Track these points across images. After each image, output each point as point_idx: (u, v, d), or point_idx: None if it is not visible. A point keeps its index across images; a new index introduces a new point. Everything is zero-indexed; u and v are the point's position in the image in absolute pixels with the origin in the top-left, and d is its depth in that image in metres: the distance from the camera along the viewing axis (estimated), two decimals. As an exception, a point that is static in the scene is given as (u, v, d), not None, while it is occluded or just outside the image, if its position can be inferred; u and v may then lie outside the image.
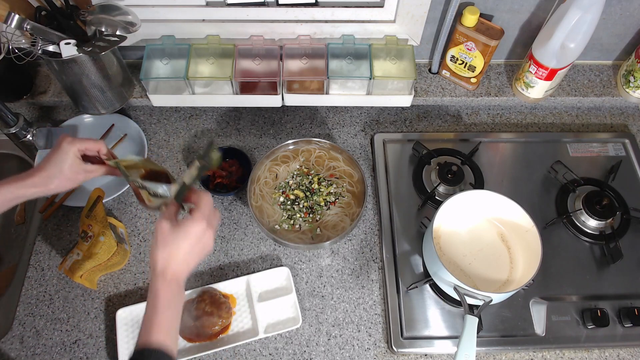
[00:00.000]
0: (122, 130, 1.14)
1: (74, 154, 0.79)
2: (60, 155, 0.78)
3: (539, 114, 1.21)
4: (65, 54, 0.93)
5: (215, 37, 1.07)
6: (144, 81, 1.06)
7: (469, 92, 1.16)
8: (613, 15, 1.06)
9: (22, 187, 0.76)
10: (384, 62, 1.10)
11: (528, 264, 0.87)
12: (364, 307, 0.96)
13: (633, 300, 0.95)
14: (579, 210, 1.02)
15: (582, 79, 1.20)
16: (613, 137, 1.16)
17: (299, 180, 1.02)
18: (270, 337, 0.93)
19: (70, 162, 0.78)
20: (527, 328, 0.93)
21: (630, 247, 1.00)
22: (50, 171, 0.78)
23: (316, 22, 1.06)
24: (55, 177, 0.78)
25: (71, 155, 0.78)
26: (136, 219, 1.05)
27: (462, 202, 0.91)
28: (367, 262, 1.00)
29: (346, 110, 1.21)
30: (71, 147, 0.79)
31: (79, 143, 0.79)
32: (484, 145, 1.13)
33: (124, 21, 0.94)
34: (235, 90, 1.08)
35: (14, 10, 0.87)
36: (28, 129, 1.04)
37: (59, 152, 0.78)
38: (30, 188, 0.77)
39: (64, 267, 0.92)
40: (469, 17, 1.00)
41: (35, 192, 0.78)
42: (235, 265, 1.00)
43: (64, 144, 0.78)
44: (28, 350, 0.92)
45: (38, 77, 1.18)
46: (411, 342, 0.91)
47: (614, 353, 0.92)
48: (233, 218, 1.05)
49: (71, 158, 0.79)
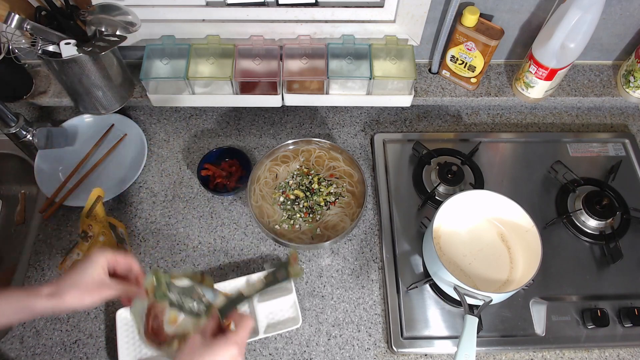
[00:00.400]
0: (122, 130, 1.14)
1: (102, 265, 0.72)
2: (87, 263, 0.71)
3: (539, 114, 1.21)
4: (65, 54, 0.93)
5: (215, 37, 1.07)
6: (144, 81, 1.06)
7: (469, 92, 1.16)
8: (613, 15, 1.06)
9: (33, 296, 0.68)
10: (384, 62, 1.10)
11: (528, 264, 0.87)
12: (364, 307, 0.96)
13: (633, 300, 0.95)
14: (579, 210, 1.02)
15: (582, 79, 1.20)
16: (613, 137, 1.16)
17: (299, 180, 1.02)
18: (270, 337, 0.93)
19: (96, 273, 0.71)
20: (527, 328, 0.93)
21: (630, 247, 1.00)
22: (71, 280, 0.70)
23: (316, 22, 1.06)
24: (74, 286, 0.69)
25: (98, 266, 0.71)
26: (136, 219, 1.05)
27: (462, 202, 0.91)
28: (367, 262, 1.01)
29: (346, 110, 1.21)
30: (102, 257, 0.72)
31: (110, 254, 0.73)
32: (484, 145, 1.13)
33: (124, 21, 0.94)
34: (235, 90, 1.08)
35: (14, 10, 0.87)
36: (28, 129, 1.04)
37: (86, 260, 0.72)
38: (42, 298, 0.68)
39: (64, 267, 0.92)
40: (469, 17, 1.00)
41: (47, 305, 0.68)
42: (235, 265, 1.00)
43: (95, 253, 0.72)
44: (28, 350, 0.92)
45: (38, 77, 1.18)
46: (411, 342, 0.91)
47: (614, 353, 0.92)
48: (233, 218, 1.05)
49: (97, 269, 0.71)
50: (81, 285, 0.69)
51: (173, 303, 0.74)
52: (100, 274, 0.71)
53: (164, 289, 0.74)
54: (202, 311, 0.73)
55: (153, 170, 1.11)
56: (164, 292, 0.75)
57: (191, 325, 0.72)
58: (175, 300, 0.74)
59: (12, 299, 0.68)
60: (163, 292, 0.74)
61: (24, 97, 1.15)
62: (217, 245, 1.02)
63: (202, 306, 0.73)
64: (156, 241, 1.03)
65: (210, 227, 1.04)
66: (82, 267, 0.71)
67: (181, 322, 0.73)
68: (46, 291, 0.68)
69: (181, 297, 0.75)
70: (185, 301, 0.74)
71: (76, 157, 1.11)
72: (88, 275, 0.70)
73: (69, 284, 0.69)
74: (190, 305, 0.74)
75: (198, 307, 0.73)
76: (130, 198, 1.08)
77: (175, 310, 0.74)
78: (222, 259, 1.01)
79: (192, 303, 0.74)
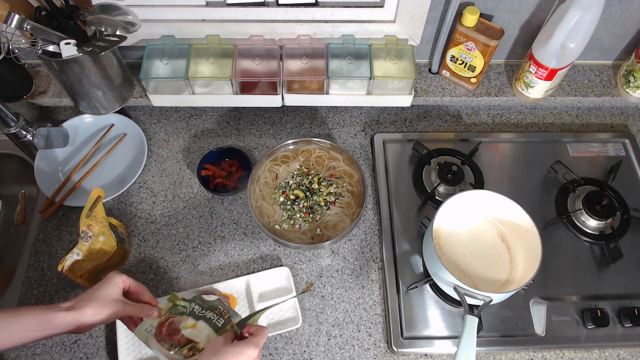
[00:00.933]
0: (122, 130, 1.14)
1: (119, 284, 0.77)
2: (105, 282, 0.77)
3: (539, 114, 1.21)
4: (65, 54, 0.93)
5: (215, 37, 1.07)
6: (144, 81, 1.06)
7: (469, 92, 1.16)
8: (613, 15, 1.06)
9: (53, 310, 0.71)
10: (384, 62, 1.10)
11: (528, 264, 0.87)
12: (364, 307, 0.96)
13: (633, 300, 0.95)
14: (579, 210, 1.02)
15: (582, 79, 1.20)
16: (613, 137, 1.16)
17: (299, 180, 1.02)
18: (270, 337, 0.93)
19: (113, 290, 0.76)
20: (527, 328, 0.93)
21: (630, 247, 1.00)
22: (90, 295, 0.74)
23: (316, 22, 1.06)
24: (93, 300, 0.73)
25: (115, 285, 0.77)
26: (136, 219, 1.05)
27: (462, 202, 0.91)
28: (367, 262, 1.00)
29: (346, 110, 1.21)
30: (119, 277, 0.78)
31: (126, 277, 0.79)
32: (484, 145, 1.13)
33: (124, 21, 0.94)
34: (235, 90, 1.08)
35: (14, 10, 0.87)
36: (28, 129, 1.04)
37: (105, 280, 0.77)
38: (62, 311, 0.71)
39: (64, 267, 0.92)
40: (469, 17, 1.00)
41: (66, 318, 0.71)
42: (235, 265, 1.00)
43: (113, 274, 0.78)
44: (28, 350, 0.91)
45: (38, 77, 1.18)
46: (411, 342, 0.91)
47: (614, 353, 0.92)
48: (233, 218, 1.05)
49: (114, 287, 0.77)
50: (99, 300, 0.74)
51: (195, 313, 0.79)
52: (117, 291, 0.77)
53: (182, 306, 0.80)
54: (221, 323, 0.77)
55: (153, 170, 1.11)
56: (183, 308, 0.80)
57: (208, 333, 0.76)
58: (197, 311, 0.79)
59: (33, 314, 0.70)
60: (181, 308, 0.80)
61: (24, 97, 1.15)
62: (217, 245, 1.02)
63: (222, 320, 0.77)
64: (156, 241, 1.03)
65: (210, 227, 1.04)
66: (101, 284, 0.76)
67: (200, 327, 0.77)
68: (66, 305, 0.72)
69: (204, 309, 0.79)
70: (207, 313, 0.79)
71: (76, 157, 1.11)
72: (106, 291, 0.75)
73: (87, 299, 0.74)
74: (211, 315, 0.78)
75: (218, 319, 0.78)
76: (130, 198, 1.08)
77: (195, 319, 0.78)
78: (222, 259, 1.01)
79: (213, 315, 0.78)
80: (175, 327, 0.78)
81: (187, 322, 0.78)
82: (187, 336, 0.76)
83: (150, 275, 0.99)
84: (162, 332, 0.78)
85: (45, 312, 0.70)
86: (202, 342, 0.75)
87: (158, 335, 0.77)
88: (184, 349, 0.75)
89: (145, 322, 0.79)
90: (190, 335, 0.76)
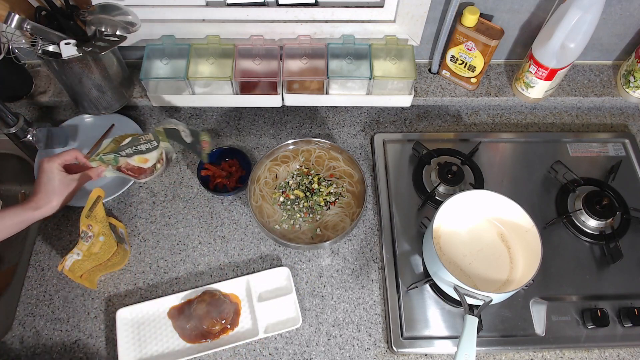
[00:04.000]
0: (122, 130, 1.14)
1: (57, 169, 0.85)
2: (46, 175, 0.84)
3: (539, 114, 1.21)
4: (65, 54, 0.93)
5: (215, 37, 1.07)
6: (144, 81, 1.06)
7: (469, 92, 1.16)
8: (613, 15, 1.06)
9: (26, 209, 0.82)
10: (384, 62, 1.10)
11: (528, 264, 0.87)
12: (364, 307, 0.96)
13: (633, 300, 0.95)
14: (579, 210, 1.02)
15: (582, 79, 1.20)
16: (613, 137, 1.16)
17: (299, 180, 1.02)
18: (270, 337, 0.93)
19: (58, 177, 0.85)
20: (527, 328, 0.93)
21: (630, 247, 1.00)
22: (46, 192, 0.84)
23: (316, 22, 1.06)
24: (53, 194, 0.84)
25: (56, 171, 0.84)
26: (136, 219, 1.05)
27: (462, 202, 0.91)
28: (367, 262, 1.00)
29: (346, 110, 1.21)
30: (52, 164, 0.85)
31: (57, 158, 0.86)
32: (484, 145, 1.13)
33: (124, 21, 0.94)
34: (235, 90, 1.08)
35: (14, 10, 0.87)
36: (28, 129, 1.04)
37: (43, 173, 0.85)
38: (35, 211, 0.82)
39: (64, 267, 0.92)
40: (469, 17, 1.00)
41: (41, 213, 0.83)
42: (235, 265, 1.00)
43: (44, 164, 0.85)
44: (28, 350, 0.92)
45: (38, 77, 1.18)
46: (411, 342, 0.91)
47: (614, 353, 0.92)
48: (233, 218, 1.05)
49: (57, 173, 0.85)
50: (58, 192, 0.84)
51: (132, 153, 0.94)
52: (62, 175, 0.85)
53: (111, 158, 0.92)
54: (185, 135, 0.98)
55: (153, 170, 1.11)
56: (115, 158, 0.93)
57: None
58: (132, 151, 0.94)
59: (11, 216, 0.81)
60: (114, 158, 0.93)
61: (24, 97, 1.15)
62: (217, 245, 1.02)
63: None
64: (156, 241, 1.03)
65: (210, 227, 1.04)
66: (46, 179, 0.84)
67: (149, 159, 0.95)
68: (32, 205, 0.83)
69: (132, 149, 0.94)
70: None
71: (76, 157, 1.11)
72: (56, 182, 0.84)
73: (46, 194, 0.83)
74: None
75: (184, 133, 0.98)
76: (130, 198, 1.08)
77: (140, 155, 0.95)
78: (222, 259, 1.01)
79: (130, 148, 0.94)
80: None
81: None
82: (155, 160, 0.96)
83: (150, 275, 0.99)
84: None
85: (21, 213, 0.82)
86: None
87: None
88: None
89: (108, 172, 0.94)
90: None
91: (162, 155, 0.99)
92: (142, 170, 0.96)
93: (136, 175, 0.96)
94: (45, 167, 0.84)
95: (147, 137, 0.96)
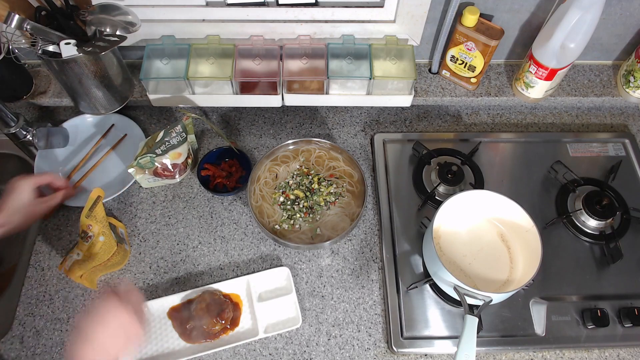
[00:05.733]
0: (122, 130, 1.14)
1: (29, 190, 0.87)
2: (17, 193, 0.86)
3: (539, 114, 1.21)
4: (65, 54, 0.93)
5: (215, 37, 1.07)
6: (144, 81, 1.06)
7: (469, 92, 1.16)
8: (613, 15, 1.06)
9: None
10: (384, 62, 1.10)
11: (528, 264, 0.87)
12: (364, 307, 0.96)
13: (633, 300, 0.95)
14: (579, 210, 1.02)
15: (582, 79, 1.20)
16: (613, 137, 1.16)
17: (299, 180, 1.02)
18: (270, 337, 0.93)
19: (28, 197, 0.87)
20: (527, 328, 0.93)
21: (630, 247, 1.00)
22: (11, 209, 0.86)
23: (316, 22, 1.06)
24: (17, 212, 0.86)
25: (26, 192, 0.87)
26: (136, 219, 1.05)
27: (462, 202, 0.91)
28: (367, 262, 1.00)
29: (346, 110, 1.21)
30: (26, 183, 0.87)
31: (32, 179, 0.88)
32: (484, 145, 1.13)
33: (124, 21, 0.94)
34: (235, 90, 1.08)
35: (14, 10, 0.87)
36: (28, 129, 1.04)
37: (15, 191, 0.87)
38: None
39: (64, 267, 0.92)
40: (469, 17, 1.00)
41: (2, 232, 0.84)
42: (235, 265, 1.00)
43: (18, 182, 0.86)
44: (28, 350, 0.92)
45: (38, 77, 1.18)
46: (411, 342, 0.91)
47: (614, 353, 0.92)
48: (233, 218, 1.05)
49: (27, 194, 0.87)
50: (23, 211, 0.86)
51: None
52: (32, 196, 0.88)
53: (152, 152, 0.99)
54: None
55: (153, 170, 1.11)
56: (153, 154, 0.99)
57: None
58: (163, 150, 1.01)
59: None
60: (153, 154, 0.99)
61: (24, 97, 1.15)
62: (217, 245, 1.02)
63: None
64: (156, 241, 1.03)
65: (210, 227, 1.04)
66: (16, 197, 0.86)
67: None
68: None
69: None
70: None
71: (76, 157, 1.11)
72: (25, 201, 0.87)
73: (14, 211, 0.85)
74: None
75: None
76: (130, 198, 1.08)
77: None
78: (222, 259, 1.01)
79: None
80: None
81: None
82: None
83: (150, 275, 0.99)
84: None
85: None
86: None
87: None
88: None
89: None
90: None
91: (191, 150, 1.02)
92: (176, 166, 1.00)
93: (172, 174, 1.00)
94: (18, 185, 0.86)
95: (176, 129, 1.00)
